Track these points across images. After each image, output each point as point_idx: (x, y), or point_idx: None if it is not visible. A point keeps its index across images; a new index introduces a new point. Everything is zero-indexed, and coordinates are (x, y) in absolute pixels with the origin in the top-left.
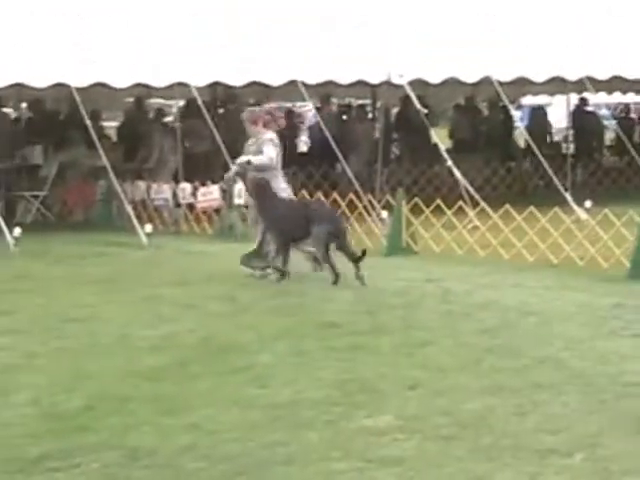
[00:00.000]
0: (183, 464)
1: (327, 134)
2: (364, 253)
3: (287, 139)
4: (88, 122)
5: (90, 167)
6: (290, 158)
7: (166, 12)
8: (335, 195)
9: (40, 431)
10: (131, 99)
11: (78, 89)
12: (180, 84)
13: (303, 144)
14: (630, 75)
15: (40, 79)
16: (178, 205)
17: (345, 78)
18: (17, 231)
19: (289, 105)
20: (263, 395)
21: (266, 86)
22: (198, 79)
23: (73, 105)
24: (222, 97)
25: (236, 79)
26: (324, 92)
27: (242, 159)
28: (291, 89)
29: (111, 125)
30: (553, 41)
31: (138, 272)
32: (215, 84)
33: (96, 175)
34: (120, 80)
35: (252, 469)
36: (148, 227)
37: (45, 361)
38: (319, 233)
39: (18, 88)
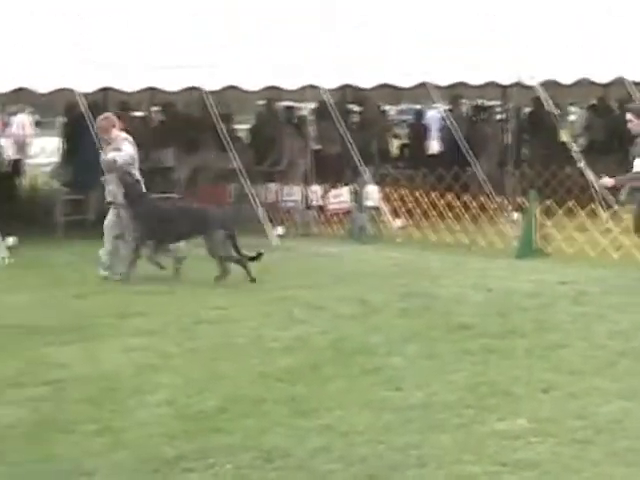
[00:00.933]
0: (316, 466)
1: (458, 136)
2: (259, 255)
3: (415, 140)
4: (220, 125)
5: (222, 170)
6: (419, 160)
7: (289, 14)
8: (467, 197)
9: (175, 431)
10: (262, 102)
11: (210, 92)
12: (311, 86)
13: (433, 146)
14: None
15: (173, 83)
16: (309, 207)
17: (476, 79)
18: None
19: (418, 107)
20: (395, 397)
21: (396, 88)
22: (329, 81)
23: (205, 108)
24: (352, 99)
25: (366, 81)
26: (454, 94)
27: (108, 158)
28: (420, 91)
29: (242, 128)
30: None
31: (269, 274)
32: (345, 86)
33: (227, 178)
34: (251, 83)
35: (384, 471)
36: (280, 229)
37: (179, 362)
38: (217, 234)
39: (150, 92)
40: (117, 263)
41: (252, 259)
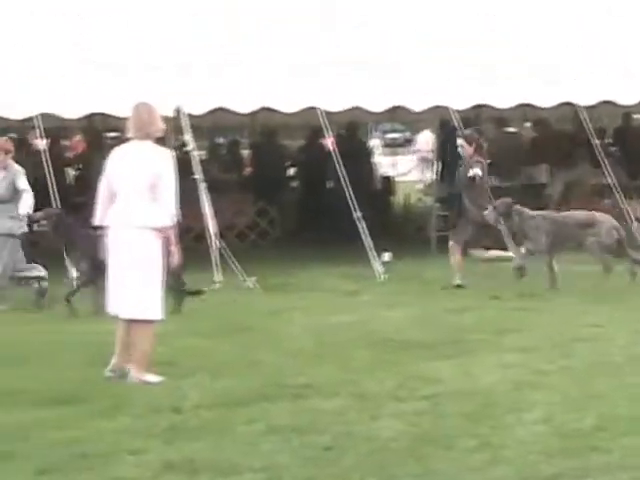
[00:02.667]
0: None
1: None
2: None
3: None
4: (594, 140)
5: (595, 185)
6: None
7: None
8: None
9: (553, 449)
10: None
11: (584, 107)
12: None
13: None
14: None
15: (546, 99)
16: None
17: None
18: None
19: None
20: None
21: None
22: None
23: (578, 123)
24: None
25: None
26: None
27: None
28: None
29: None
30: None
31: None
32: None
33: (601, 193)
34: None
35: None
36: None
37: (555, 379)
38: None
39: (523, 108)
40: None
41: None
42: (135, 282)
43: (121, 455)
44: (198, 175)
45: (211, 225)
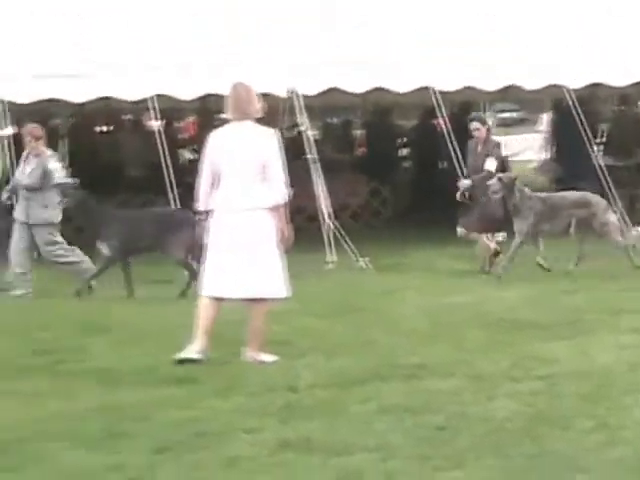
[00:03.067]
0: None
1: None
2: None
3: None
4: None
5: None
6: None
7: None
8: None
9: None
10: None
11: None
12: None
13: None
14: None
15: None
16: None
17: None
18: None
19: None
20: None
21: None
22: None
23: None
24: None
25: None
26: None
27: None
28: None
29: None
30: None
31: None
32: None
33: None
34: None
35: None
36: None
37: None
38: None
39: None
40: None
41: None
42: (255, 262)
43: (236, 434)
44: (311, 155)
45: (324, 205)
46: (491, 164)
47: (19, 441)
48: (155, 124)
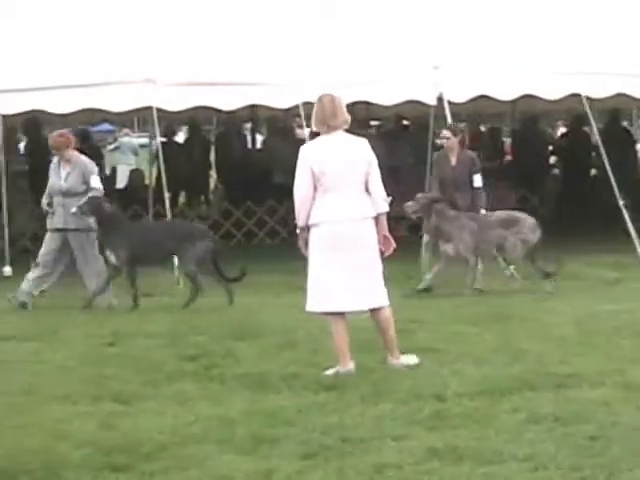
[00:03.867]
0: None
1: None
2: (243, 274)
3: None
4: None
5: None
6: None
7: None
8: None
9: None
10: None
11: None
12: None
13: None
14: None
15: None
16: None
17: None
18: None
19: None
20: None
21: None
22: None
23: None
24: None
25: None
26: None
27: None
28: None
29: None
30: None
31: None
32: None
33: None
34: None
35: None
36: None
37: None
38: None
39: None
40: None
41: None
42: (369, 272)
43: (384, 441)
44: None
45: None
46: (479, 180)
47: (169, 445)
48: (304, 132)
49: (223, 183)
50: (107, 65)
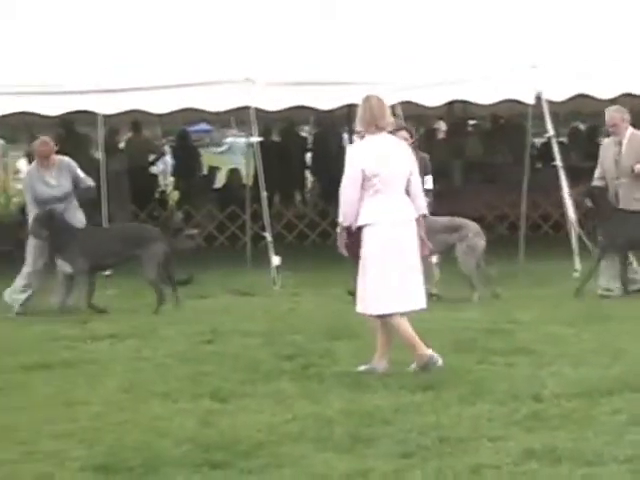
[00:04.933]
0: None
1: None
2: (191, 279)
3: None
4: None
5: None
6: None
7: None
8: None
9: None
10: None
11: None
12: None
13: None
14: None
15: None
16: None
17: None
18: None
19: None
20: None
21: None
22: None
23: None
24: None
25: None
26: None
27: None
28: None
29: None
30: None
31: None
32: None
33: None
34: None
35: None
36: None
37: None
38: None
39: None
40: None
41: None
42: (416, 273)
43: (481, 441)
44: (558, 162)
45: (571, 212)
46: (430, 182)
47: (267, 443)
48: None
49: (319, 182)
50: (206, 65)
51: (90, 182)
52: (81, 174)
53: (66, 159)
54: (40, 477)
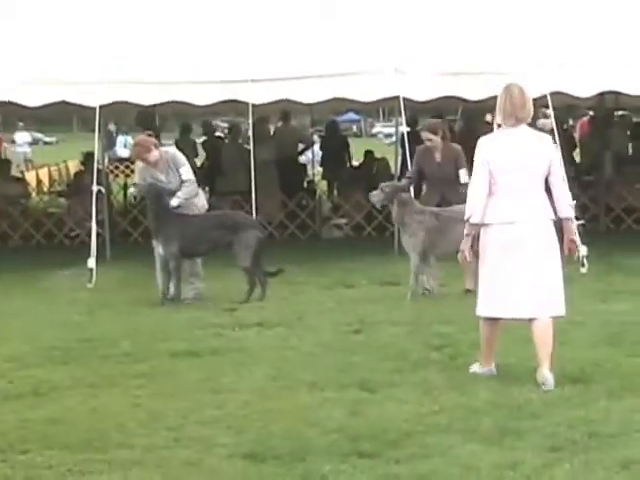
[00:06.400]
0: None
1: None
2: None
3: None
4: None
5: None
6: None
7: None
8: None
9: None
10: None
11: None
12: None
13: None
14: None
15: None
16: None
17: None
18: None
19: None
20: None
21: None
22: None
23: None
24: None
25: None
26: None
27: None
28: None
29: None
30: None
31: None
32: None
33: None
34: None
35: None
36: None
37: None
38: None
39: None
40: None
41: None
42: (540, 278)
43: (631, 436)
44: None
45: None
46: (464, 176)
47: (414, 433)
48: (547, 122)
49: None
50: (356, 55)
51: (186, 177)
52: (182, 169)
53: (171, 151)
54: (188, 463)
